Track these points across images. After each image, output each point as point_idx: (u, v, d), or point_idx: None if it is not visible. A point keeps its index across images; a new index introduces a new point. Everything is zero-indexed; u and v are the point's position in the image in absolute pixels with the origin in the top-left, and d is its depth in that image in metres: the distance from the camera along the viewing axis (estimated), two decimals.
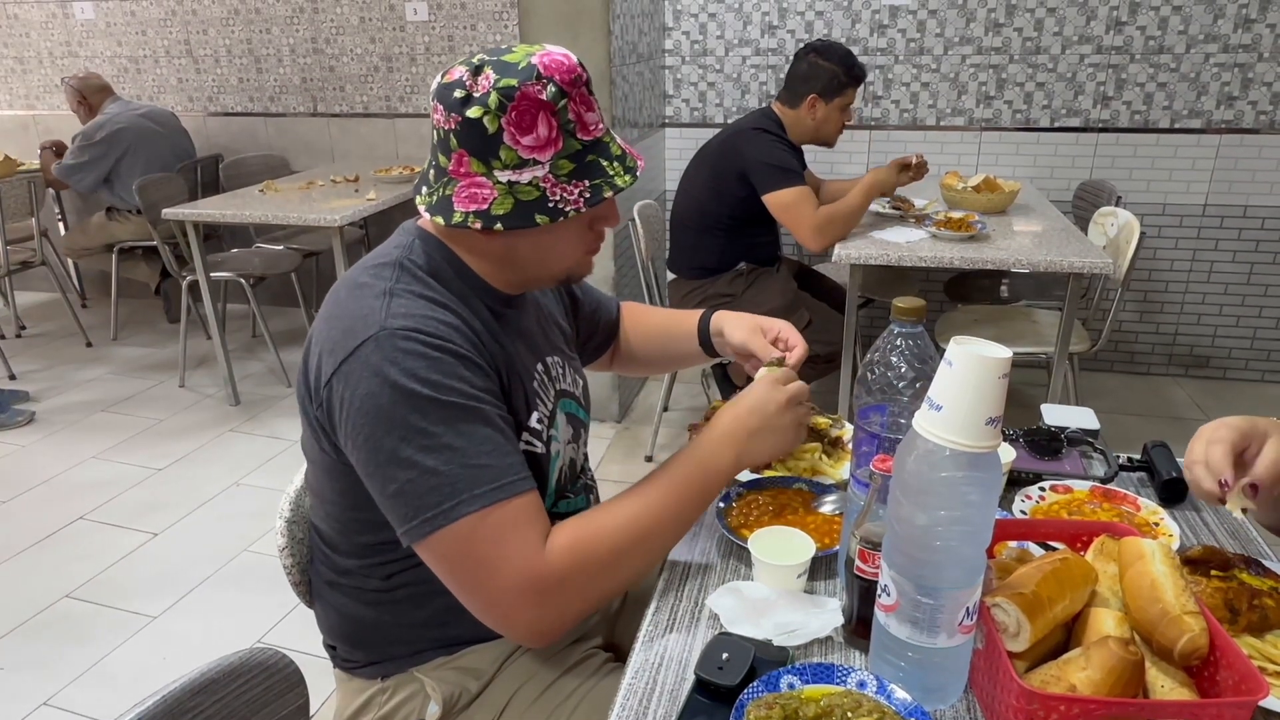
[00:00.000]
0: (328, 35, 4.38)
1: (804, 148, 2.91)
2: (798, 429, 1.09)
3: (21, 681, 2.17)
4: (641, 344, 1.43)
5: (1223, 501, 0.89)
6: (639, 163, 1.02)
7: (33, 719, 2.05)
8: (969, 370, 0.75)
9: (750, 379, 1.17)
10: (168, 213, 3.44)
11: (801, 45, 2.90)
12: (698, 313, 1.36)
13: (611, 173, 0.97)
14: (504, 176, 0.94)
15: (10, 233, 4.17)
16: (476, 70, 0.93)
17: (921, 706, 0.82)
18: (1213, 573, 0.96)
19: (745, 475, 1.27)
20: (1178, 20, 3.39)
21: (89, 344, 4.49)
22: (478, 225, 0.96)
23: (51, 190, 4.76)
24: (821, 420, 1.35)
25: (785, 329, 1.27)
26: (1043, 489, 1.20)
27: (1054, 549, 1.00)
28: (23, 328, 4.75)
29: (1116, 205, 3.08)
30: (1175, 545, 1.06)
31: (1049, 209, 3.08)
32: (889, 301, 0.98)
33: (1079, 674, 0.77)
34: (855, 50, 3.15)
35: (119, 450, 3.37)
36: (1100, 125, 3.58)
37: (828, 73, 2.71)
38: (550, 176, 0.95)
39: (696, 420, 1.21)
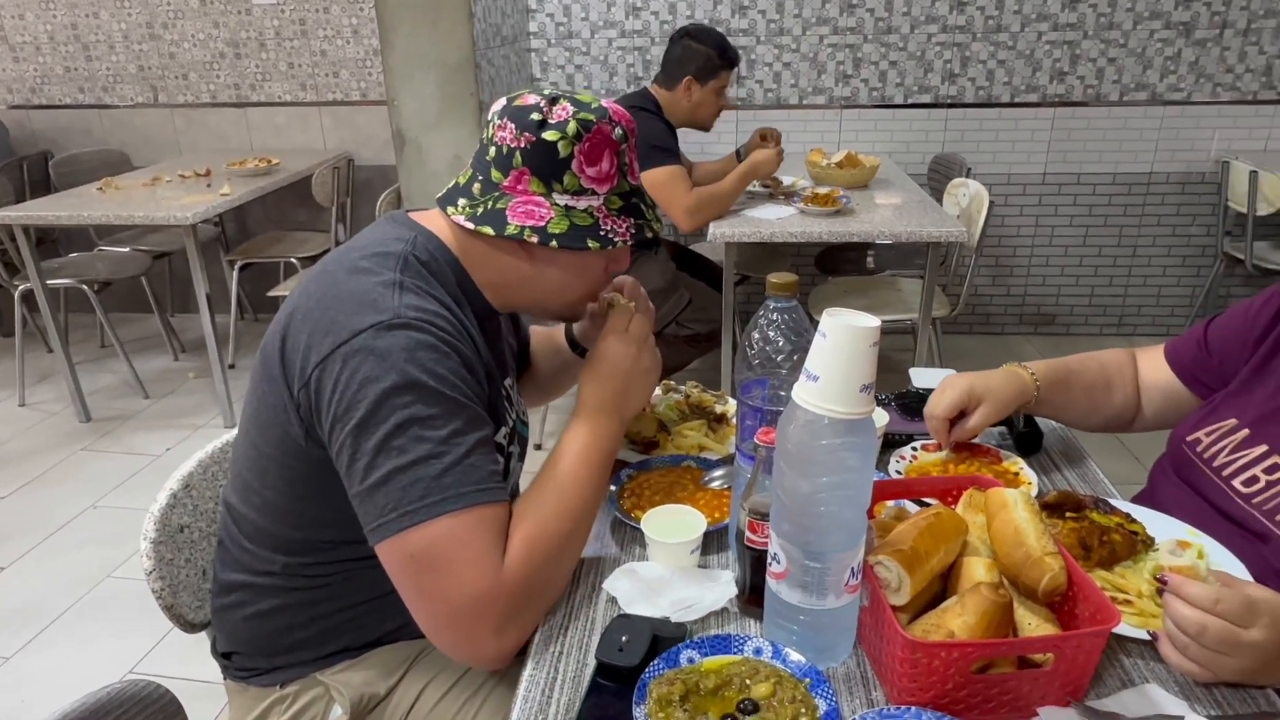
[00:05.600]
0: (164, 19, 4.08)
1: (679, 131, 2.94)
2: (656, 365, 1.13)
3: None
4: (544, 359, 1.42)
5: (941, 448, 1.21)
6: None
7: None
8: (841, 341, 0.78)
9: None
10: None
11: (666, 27, 2.93)
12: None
13: (649, 216, 1.07)
14: (562, 200, 1.00)
15: None
16: (553, 100, 1.00)
17: (815, 666, 0.86)
18: (1067, 514, 1.04)
19: (634, 457, 1.28)
20: (1013, 1, 3.61)
21: None
22: (535, 239, 0.99)
23: None
24: (706, 397, 1.37)
25: (617, 280, 1.26)
26: (915, 449, 1.27)
27: (928, 504, 1.06)
28: None
29: (967, 176, 3.26)
30: (1034, 492, 1.14)
31: (907, 182, 3.24)
32: (764, 277, 1.01)
33: (956, 620, 0.82)
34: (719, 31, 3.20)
35: None
36: (949, 101, 3.78)
37: (702, 55, 2.75)
38: (603, 208, 1.02)
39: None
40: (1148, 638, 0.88)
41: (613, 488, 1.19)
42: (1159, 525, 1.05)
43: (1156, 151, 3.77)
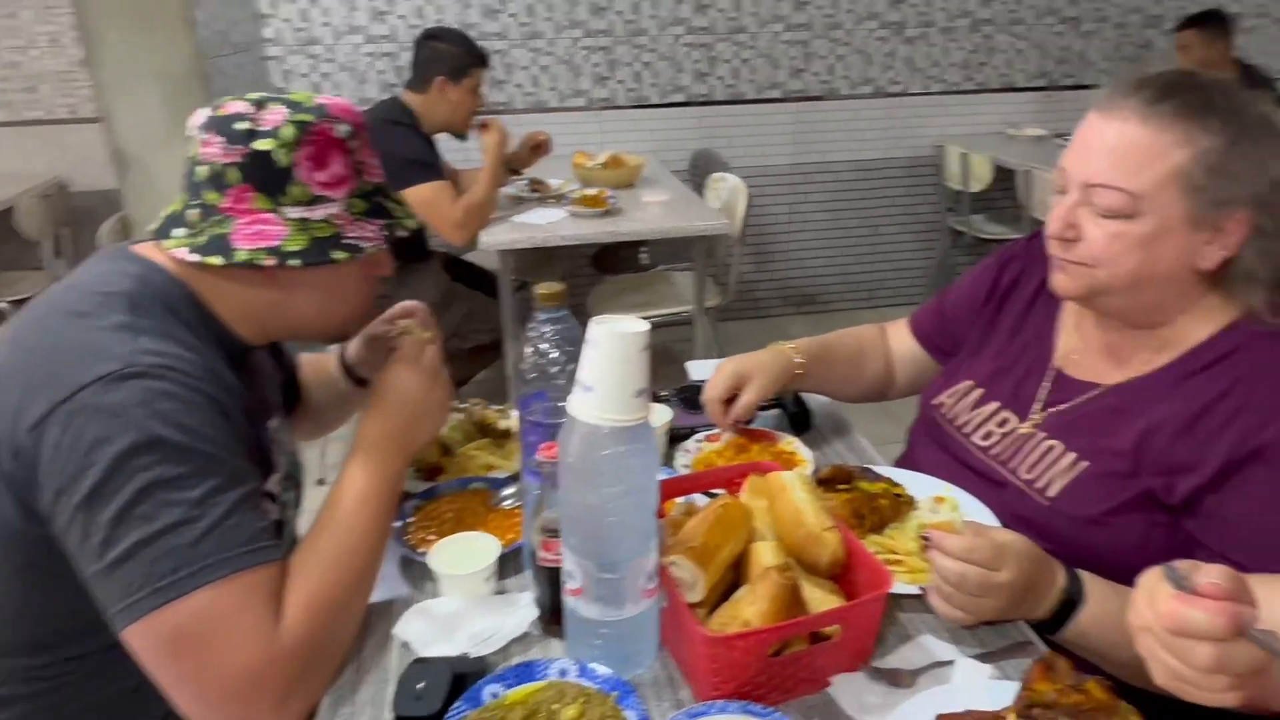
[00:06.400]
0: None
1: (437, 139, 2.85)
2: (448, 398, 1.06)
3: None
4: (316, 391, 1.30)
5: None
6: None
7: None
8: (612, 348, 0.77)
9: None
10: None
11: (415, 31, 2.84)
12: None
13: (399, 215, 0.98)
14: (294, 213, 0.91)
15: None
16: (260, 104, 0.90)
17: (621, 678, 0.85)
18: (839, 487, 1.10)
19: (419, 485, 1.21)
20: (749, 2, 3.84)
21: None
22: (271, 262, 0.89)
23: None
24: (489, 414, 1.33)
25: (403, 306, 1.21)
26: (699, 441, 1.30)
27: (716, 494, 1.08)
28: None
29: (725, 171, 3.43)
30: (810, 469, 1.20)
31: (671, 179, 3.35)
32: (543, 282, 0.99)
33: (749, 609, 0.84)
34: (470, 35, 3.13)
35: None
36: (701, 99, 3.96)
37: (450, 55, 2.70)
38: (345, 214, 0.93)
39: None
40: (919, 592, 0.95)
41: (397, 523, 1.11)
42: (919, 484, 1.14)
43: (885, 139, 4.16)
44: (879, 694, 0.86)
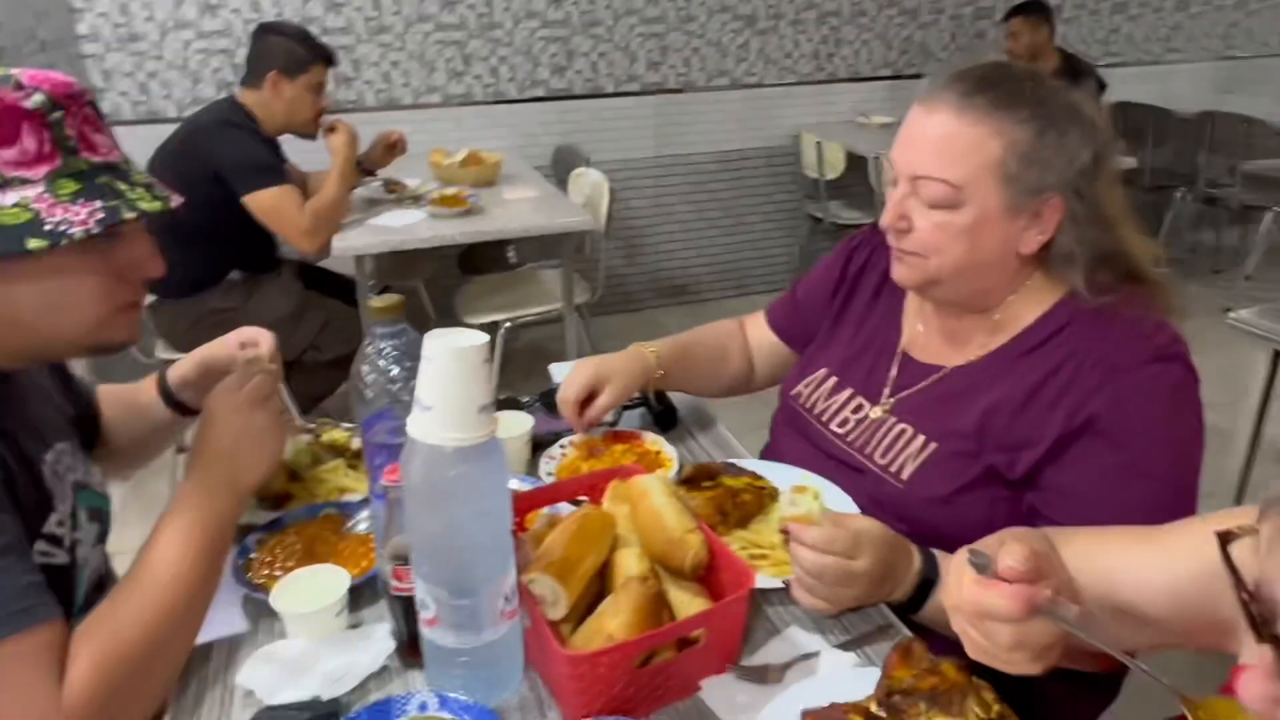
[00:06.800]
0: None
1: (284, 139, 2.69)
2: (277, 423, 0.95)
3: None
4: (122, 425, 1.18)
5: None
6: (172, 196, 0.87)
7: None
8: (450, 364, 0.73)
9: None
10: None
11: (251, 26, 2.66)
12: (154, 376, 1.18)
13: (134, 196, 0.83)
14: None
15: None
16: None
17: (485, 706, 0.81)
18: (704, 485, 1.09)
19: (264, 516, 1.13)
20: None
21: None
22: None
23: None
24: (338, 434, 1.25)
25: (249, 332, 1.13)
26: (563, 446, 1.27)
27: (581, 502, 1.05)
28: None
29: (587, 166, 3.40)
30: (675, 468, 1.19)
31: (533, 175, 3.29)
32: (410, 284, 0.92)
33: (613, 621, 0.82)
34: (313, 31, 2.97)
35: None
36: (560, 94, 3.91)
37: (285, 48, 2.53)
38: (48, 196, 0.79)
39: None
40: (783, 586, 0.96)
41: (239, 560, 1.03)
42: (782, 476, 1.14)
43: (744, 130, 4.23)
44: (749, 693, 0.85)
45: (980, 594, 0.64)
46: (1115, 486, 0.94)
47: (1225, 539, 0.50)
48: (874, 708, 0.76)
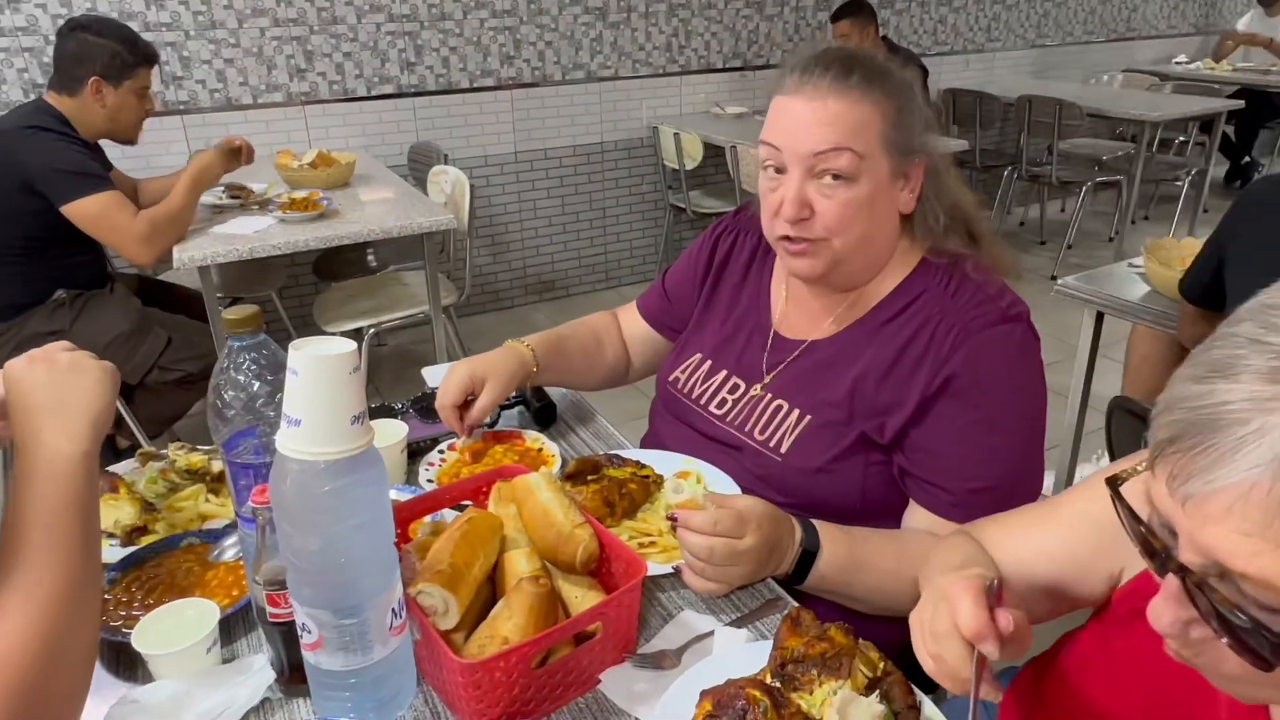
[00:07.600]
0: None
1: (104, 144, 2.48)
2: (87, 356, 0.79)
3: None
4: None
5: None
6: None
7: None
8: (318, 375, 0.69)
9: None
10: None
11: (60, 22, 2.43)
12: None
13: None
14: None
15: None
16: None
17: None
18: (589, 478, 1.09)
19: (117, 554, 1.04)
20: None
21: None
22: None
23: None
24: (194, 457, 1.17)
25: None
26: (441, 452, 1.23)
27: (465, 506, 1.03)
28: None
29: (445, 163, 3.32)
30: (558, 465, 1.18)
31: (389, 175, 3.18)
32: (262, 295, 0.86)
33: (507, 625, 0.81)
34: (134, 27, 2.75)
35: None
36: (412, 90, 3.79)
37: (107, 51, 2.31)
38: None
39: None
40: (674, 571, 0.97)
41: None
42: (664, 462, 1.16)
43: (602, 123, 4.24)
44: (647, 680, 0.86)
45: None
46: (975, 442, 1.00)
47: (1115, 482, 0.53)
48: (769, 679, 0.78)
